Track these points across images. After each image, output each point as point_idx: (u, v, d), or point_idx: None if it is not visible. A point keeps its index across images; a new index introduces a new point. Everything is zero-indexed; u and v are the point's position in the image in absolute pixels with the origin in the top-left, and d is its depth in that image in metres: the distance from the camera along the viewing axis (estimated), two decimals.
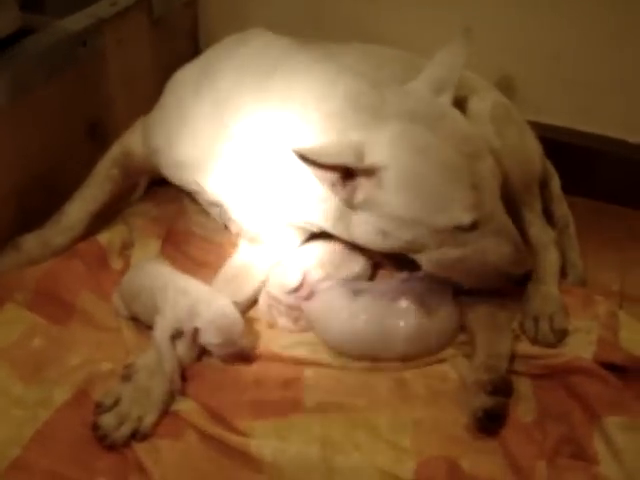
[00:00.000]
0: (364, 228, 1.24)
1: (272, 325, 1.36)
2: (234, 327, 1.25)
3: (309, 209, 1.30)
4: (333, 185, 1.18)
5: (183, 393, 1.22)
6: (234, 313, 1.26)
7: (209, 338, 1.24)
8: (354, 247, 1.39)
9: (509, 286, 1.30)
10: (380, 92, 1.23)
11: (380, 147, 1.17)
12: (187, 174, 1.39)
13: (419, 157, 1.17)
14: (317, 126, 1.22)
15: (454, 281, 1.29)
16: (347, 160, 1.16)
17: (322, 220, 1.31)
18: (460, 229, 1.19)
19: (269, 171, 1.30)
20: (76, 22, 1.53)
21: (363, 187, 1.19)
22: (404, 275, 1.38)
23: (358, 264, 1.40)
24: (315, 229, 1.39)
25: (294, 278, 1.36)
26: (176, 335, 1.25)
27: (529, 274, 1.29)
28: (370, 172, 1.17)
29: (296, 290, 1.36)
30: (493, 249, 1.22)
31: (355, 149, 1.16)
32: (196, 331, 1.24)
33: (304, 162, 1.14)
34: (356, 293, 1.32)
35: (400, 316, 1.29)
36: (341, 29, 1.75)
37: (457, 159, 1.18)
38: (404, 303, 1.30)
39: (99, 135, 1.61)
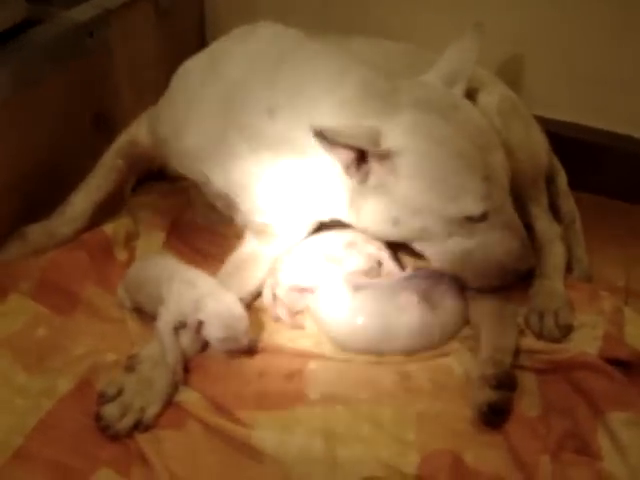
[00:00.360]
0: (375, 215, 1.24)
1: (277, 318, 1.36)
2: (239, 323, 1.25)
3: (321, 196, 1.30)
4: (347, 167, 1.19)
5: (186, 384, 1.21)
6: (239, 309, 1.26)
7: (213, 332, 1.24)
8: (360, 242, 1.39)
9: (511, 282, 1.30)
10: (393, 81, 1.24)
11: (395, 134, 1.18)
12: (194, 164, 1.39)
13: (433, 145, 1.18)
14: (329, 115, 1.22)
15: (461, 277, 1.29)
16: (363, 143, 1.17)
17: (333, 207, 1.31)
18: (470, 220, 1.20)
19: (278, 160, 1.30)
20: (83, 13, 1.53)
21: (376, 171, 1.19)
22: (407, 272, 1.38)
23: (363, 259, 1.40)
24: (326, 218, 1.39)
25: (300, 273, 1.36)
26: (179, 326, 1.24)
27: (532, 270, 1.29)
28: (384, 157, 1.18)
29: (301, 285, 1.36)
30: (499, 243, 1.22)
31: (371, 133, 1.17)
32: (200, 324, 1.24)
33: (321, 141, 1.15)
34: (358, 288, 1.32)
35: (403, 310, 1.29)
36: (349, 22, 1.75)
37: (470, 150, 1.18)
38: (407, 297, 1.30)
39: (105, 126, 1.61)
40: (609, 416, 1.17)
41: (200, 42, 1.84)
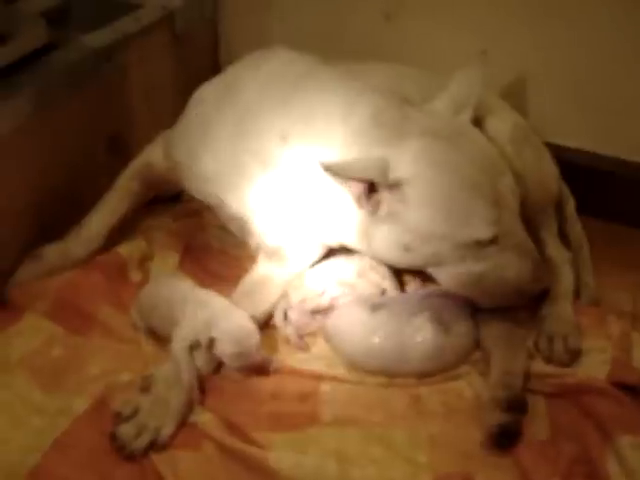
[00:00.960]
0: (386, 242, 1.25)
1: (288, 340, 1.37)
2: (250, 339, 1.26)
3: (331, 223, 1.32)
4: (358, 198, 1.21)
5: (201, 404, 1.23)
6: (250, 325, 1.28)
7: (224, 349, 1.25)
8: (373, 264, 1.41)
9: (525, 303, 1.31)
10: (402, 109, 1.26)
11: (403, 162, 1.20)
12: (208, 188, 1.41)
13: (441, 172, 1.20)
14: (341, 142, 1.24)
15: (474, 299, 1.30)
16: (372, 175, 1.19)
17: (344, 234, 1.32)
18: (480, 244, 1.21)
19: (292, 186, 1.32)
20: (101, 38, 1.56)
21: (387, 201, 1.21)
22: (423, 290, 1.40)
23: (377, 281, 1.41)
24: (336, 244, 1.41)
25: (313, 299, 1.38)
26: (194, 346, 1.26)
27: (547, 290, 1.30)
28: (394, 186, 1.19)
29: (315, 307, 1.38)
30: (512, 265, 1.23)
31: (379, 164, 1.19)
32: (212, 341, 1.25)
33: (330, 176, 1.17)
34: (374, 309, 1.33)
35: (418, 333, 1.30)
36: (359, 48, 1.77)
37: (478, 175, 1.20)
38: (422, 320, 1.31)
39: (120, 149, 1.63)
40: (618, 440, 1.17)
41: (214, 66, 1.86)
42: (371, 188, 1.20)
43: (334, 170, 1.17)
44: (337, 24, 1.80)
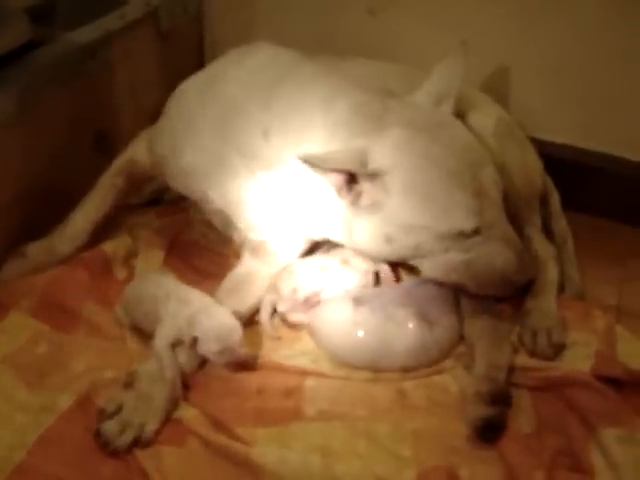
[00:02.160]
0: (368, 234, 1.26)
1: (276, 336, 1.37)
2: (232, 335, 1.27)
3: (315, 217, 1.32)
4: (339, 189, 1.21)
5: (185, 401, 1.23)
6: (232, 321, 1.28)
7: (208, 347, 1.26)
8: (356, 258, 1.41)
9: (511, 295, 1.32)
10: (382, 102, 1.26)
11: (383, 153, 1.20)
12: (192, 183, 1.41)
13: (422, 163, 1.20)
14: (321, 135, 1.25)
15: (459, 286, 1.30)
16: (351, 166, 1.19)
17: (328, 228, 1.33)
18: (463, 235, 1.22)
19: (275, 180, 1.32)
20: (85, 34, 1.55)
21: (368, 192, 1.21)
22: (407, 283, 1.40)
23: (360, 275, 1.42)
24: (319, 237, 1.41)
25: (296, 293, 1.38)
26: (177, 343, 1.26)
27: (532, 282, 1.31)
28: (374, 177, 1.20)
29: (297, 302, 1.38)
30: (496, 255, 1.24)
31: (359, 155, 1.19)
32: (195, 340, 1.25)
33: (310, 167, 1.17)
34: (357, 303, 1.33)
35: (401, 328, 1.30)
36: (344, 44, 1.77)
37: (459, 166, 1.21)
38: (405, 314, 1.31)
39: (105, 145, 1.63)
40: (602, 433, 1.18)
41: (199, 63, 1.85)
42: (352, 179, 1.21)
43: (312, 162, 1.18)
44: (322, 20, 1.81)
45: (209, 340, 1.25)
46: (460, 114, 1.34)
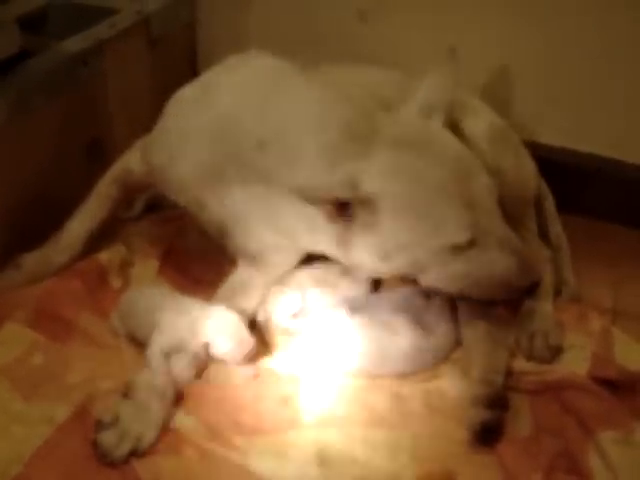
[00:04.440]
0: (364, 253, 1.25)
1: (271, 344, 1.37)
2: (240, 326, 1.28)
3: (309, 234, 1.31)
4: (330, 216, 1.21)
5: (182, 410, 1.22)
6: (232, 314, 1.29)
7: (223, 346, 1.27)
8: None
9: (516, 297, 1.32)
10: (372, 120, 1.25)
11: (372, 176, 1.19)
12: (187, 192, 1.40)
13: (410, 183, 1.20)
14: (312, 154, 1.24)
15: (462, 294, 1.30)
16: (341, 192, 1.18)
17: (322, 245, 1.32)
18: (458, 248, 1.21)
19: (268, 191, 1.31)
20: (76, 43, 1.55)
21: (359, 215, 1.21)
22: (403, 289, 1.40)
23: (356, 283, 1.42)
24: (314, 250, 1.40)
25: (293, 302, 1.38)
26: (173, 352, 1.26)
27: (536, 284, 1.31)
28: (364, 201, 1.19)
29: (295, 312, 1.38)
30: (497, 262, 1.23)
31: (348, 181, 1.19)
32: (206, 345, 1.26)
33: (302, 198, 1.18)
34: (353, 311, 1.34)
35: (397, 335, 1.30)
36: (336, 49, 1.77)
37: (449, 180, 1.20)
38: (401, 322, 1.32)
39: (98, 154, 1.63)
40: (599, 435, 1.19)
41: (192, 71, 1.86)
42: (343, 205, 1.20)
43: (304, 193, 1.18)
44: (314, 26, 1.81)
45: (221, 340, 1.26)
46: (453, 120, 1.34)
